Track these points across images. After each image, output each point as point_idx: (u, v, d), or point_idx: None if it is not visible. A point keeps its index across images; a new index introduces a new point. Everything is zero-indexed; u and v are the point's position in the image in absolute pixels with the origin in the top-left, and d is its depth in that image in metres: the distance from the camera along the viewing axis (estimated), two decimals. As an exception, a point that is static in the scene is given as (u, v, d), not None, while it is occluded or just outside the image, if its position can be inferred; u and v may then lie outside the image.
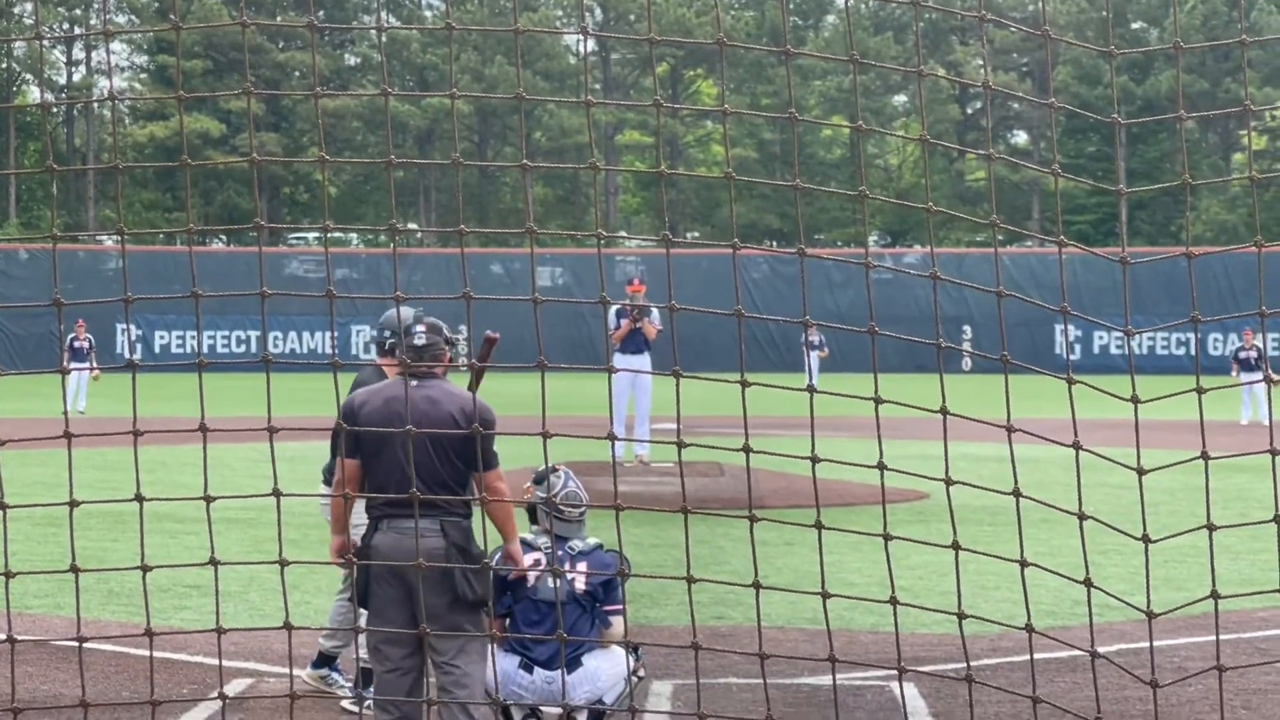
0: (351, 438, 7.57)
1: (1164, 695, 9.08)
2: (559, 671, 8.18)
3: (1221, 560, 6.42)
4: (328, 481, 9.44)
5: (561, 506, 8.40)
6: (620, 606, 8.33)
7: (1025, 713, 8.90)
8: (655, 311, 23.33)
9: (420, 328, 7.70)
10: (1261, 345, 37.21)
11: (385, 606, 7.41)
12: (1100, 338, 63.96)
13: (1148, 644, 9.87)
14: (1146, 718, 8.91)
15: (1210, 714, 9.07)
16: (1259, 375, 34.89)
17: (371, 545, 7.50)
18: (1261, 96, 79.51)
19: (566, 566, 8.30)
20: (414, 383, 7.62)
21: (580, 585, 8.30)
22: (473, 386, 7.77)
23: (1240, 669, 9.68)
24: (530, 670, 8.26)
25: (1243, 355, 36.97)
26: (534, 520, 8.61)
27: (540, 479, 8.47)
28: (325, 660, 9.77)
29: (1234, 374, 36.83)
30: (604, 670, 8.40)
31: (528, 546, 8.36)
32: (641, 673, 8.57)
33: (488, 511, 7.60)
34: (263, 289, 6.49)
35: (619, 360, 22.84)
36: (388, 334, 8.96)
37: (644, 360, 22.92)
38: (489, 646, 7.69)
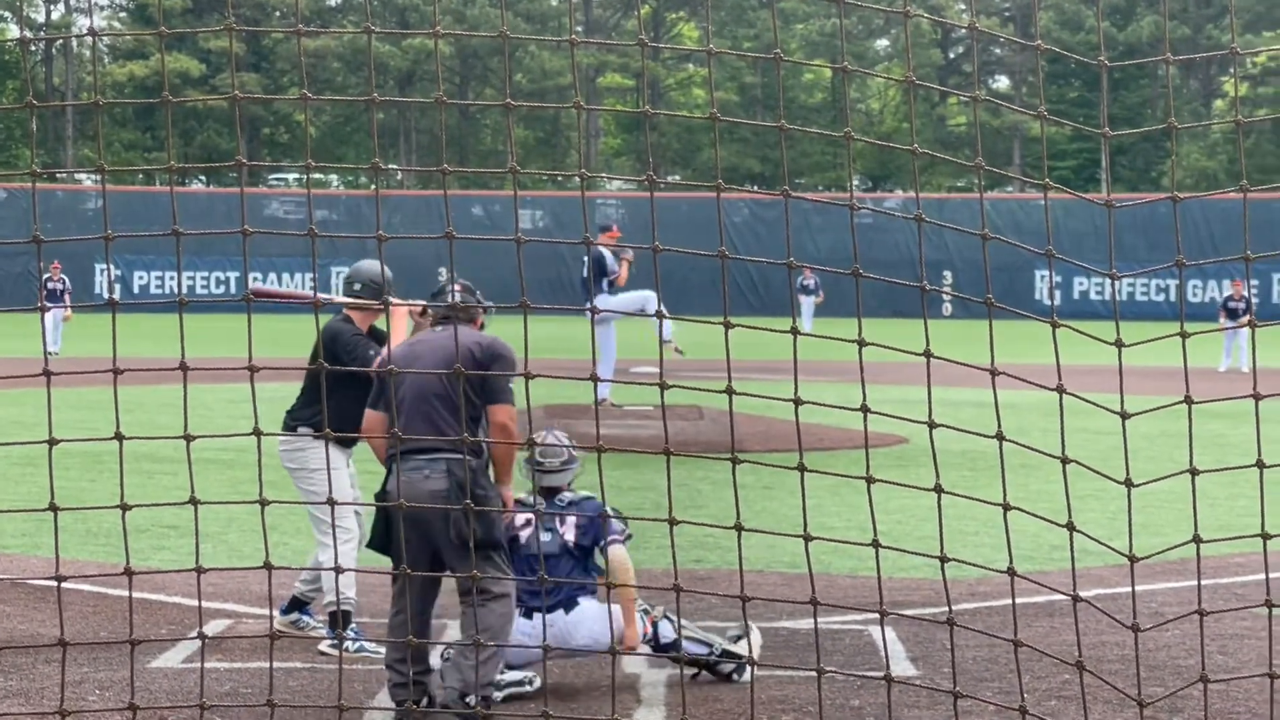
0: (379, 389, 7.86)
1: (1143, 640, 9.11)
2: (555, 614, 8.37)
3: (1199, 506, 6.41)
4: (289, 427, 9.39)
5: (540, 458, 8.47)
6: (615, 538, 8.40)
7: (1004, 657, 8.92)
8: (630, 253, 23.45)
9: (456, 286, 7.85)
10: (1248, 295, 37.35)
11: (407, 550, 7.34)
12: (1080, 283, 64.04)
13: (1126, 589, 9.91)
14: (1125, 662, 8.93)
15: (1188, 658, 9.11)
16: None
17: (386, 490, 7.54)
18: (1243, 43, 79.50)
19: (557, 521, 8.40)
20: (440, 328, 7.80)
21: (570, 537, 8.44)
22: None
23: (1218, 614, 9.71)
24: (530, 617, 8.38)
25: (1231, 305, 37.11)
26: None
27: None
28: (296, 605, 9.79)
29: (1221, 322, 36.96)
30: (602, 612, 8.49)
31: (522, 505, 8.41)
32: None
33: (490, 449, 7.73)
34: (244, 227, 6.44)
35: (600, 302, 22.86)
36: (356, 285, 9.47)
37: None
38: (511, 589, 7.75)
